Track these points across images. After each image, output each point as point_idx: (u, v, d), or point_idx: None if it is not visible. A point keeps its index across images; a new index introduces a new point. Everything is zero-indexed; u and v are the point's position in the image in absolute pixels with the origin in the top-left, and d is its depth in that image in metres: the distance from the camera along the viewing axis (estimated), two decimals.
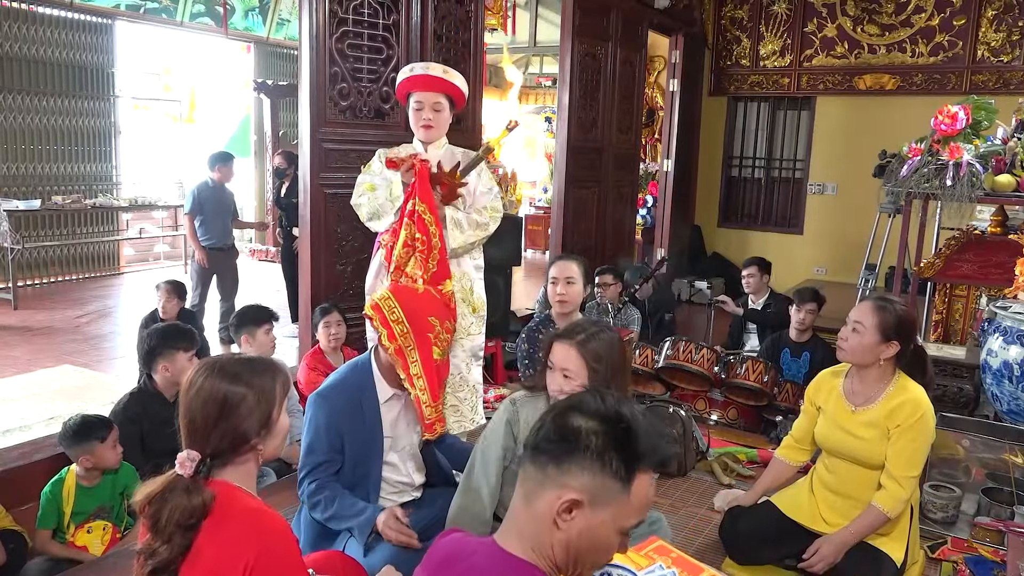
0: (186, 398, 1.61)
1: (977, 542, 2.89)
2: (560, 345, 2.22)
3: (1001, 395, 3.43)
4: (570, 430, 1.25)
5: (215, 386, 1.59)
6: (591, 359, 2.17)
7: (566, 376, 2.18)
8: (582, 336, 2.21)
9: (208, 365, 1.65)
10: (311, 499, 2.28)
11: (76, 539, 2.78)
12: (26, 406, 4.30)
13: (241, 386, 1.60)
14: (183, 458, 1.54)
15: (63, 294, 7.58)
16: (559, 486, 1.23)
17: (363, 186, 3.18)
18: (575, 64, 6.03)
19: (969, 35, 7.43)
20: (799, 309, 4.42)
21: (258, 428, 1.61)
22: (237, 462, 1.61)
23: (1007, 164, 3.61)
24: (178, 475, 1.54)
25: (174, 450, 3.33)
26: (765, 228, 8.77)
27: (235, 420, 1.58)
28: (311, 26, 3.79)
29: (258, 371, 1.65)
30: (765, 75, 8.48)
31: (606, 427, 1.24)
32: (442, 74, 3.09)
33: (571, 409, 1.28)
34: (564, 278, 3.26)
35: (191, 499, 1.50)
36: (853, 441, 2.49)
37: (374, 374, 2.41)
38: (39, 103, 7.83)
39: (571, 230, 6.22)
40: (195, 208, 5.81)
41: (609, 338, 2.24)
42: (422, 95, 3.10)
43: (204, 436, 1.57)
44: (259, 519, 1.55)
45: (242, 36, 9.78)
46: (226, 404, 1.58)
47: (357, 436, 2.35)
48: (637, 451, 1.24)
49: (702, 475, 3.52)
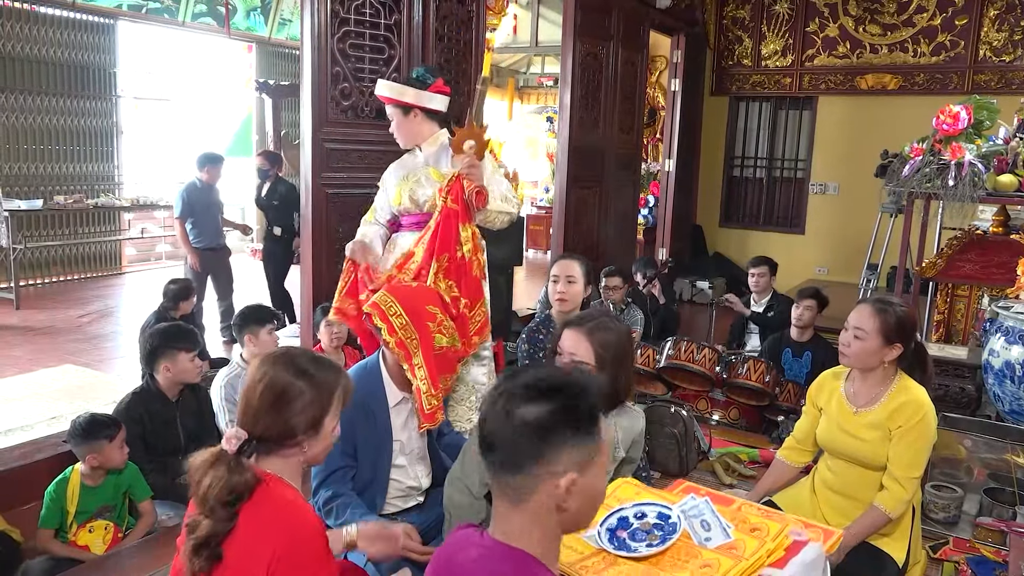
0: (251, 379, 1.64)
1: (979, 542, 2.89)
2: (570, 332, 2.28)
3: (1003, 395, 3.43)
4: (530, 426, 1.25)
5: (279, 374, 1.62)
6: (599, 346, 2.23)
7: (575, 362, 2.22)
8: (591, 324, 2.27)
9: (283, 353, 1.69)
10: (325, 507, 2.28)
11: (78, 538, 2.78)
12: (28, 406, 4.30)
13: (303, 382, 1.63)
14: (231, 434, 1.57)
15: (65, 294, 7.59)
16: (551, 475, 1.24)
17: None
18: (577, 64, 6.03)
19: (971, 35, 7.43)
20: (797, 305, 4.43)
21: (306, 427, 1.62)
22: (284, 454, 1.63)
23: (1009, 164, 3.61)
24: (223, 450, 1.56)
25: (176, 449, 3.33)
26: (767, 228, 8.77)
27: (287, 413, 1.60)
28: (313, 26, 3.79)
29: (323, 374, 1.68)
30: (767, 75, 8.48)
31: (555, 402, 1.25)
32: (377, 89, 3.22)
33: (514, 408, 1.26)
34: (565, 276, 3.25)
35: (232, 476, 1.51)
36: (855, 442, 2.48)
37: (383, 377, 2.40)
38: (41, 103, 7.84)
39: (572, 230, 6.22)
40: (185, 211, 5.73)
41: (617, 329, 2.31)
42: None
43: (255, 419, 1.59)
44: (293, 511, 1.57)
45: (244, 36, 9.78)
46: (283, 395, 1.60)
47: (368, 441, 2.35)
48: (590, 404, 1.28)
49: (704, 475, 3.52)
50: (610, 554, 1.66)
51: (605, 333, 2.25)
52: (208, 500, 1.50)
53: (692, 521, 1.76)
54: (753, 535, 1.72)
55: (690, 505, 1.82)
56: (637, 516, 1.77)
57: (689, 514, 1.78)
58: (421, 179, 3.16)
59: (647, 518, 1.76)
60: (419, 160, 3.22)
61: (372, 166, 3.89)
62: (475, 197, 2.95)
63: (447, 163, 3.15)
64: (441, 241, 2.93)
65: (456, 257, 2.95)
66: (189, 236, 5.75)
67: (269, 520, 1.53)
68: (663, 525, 1.73)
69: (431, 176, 3.15)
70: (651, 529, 1.73)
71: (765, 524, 1.77)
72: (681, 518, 1.74)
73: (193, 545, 1.50)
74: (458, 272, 2.97)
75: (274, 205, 6.24)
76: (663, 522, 1.74)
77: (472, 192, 2.94)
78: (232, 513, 1.50)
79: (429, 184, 3.13)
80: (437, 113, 3.20)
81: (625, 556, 1.65)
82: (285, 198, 6.17)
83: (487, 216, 3.10)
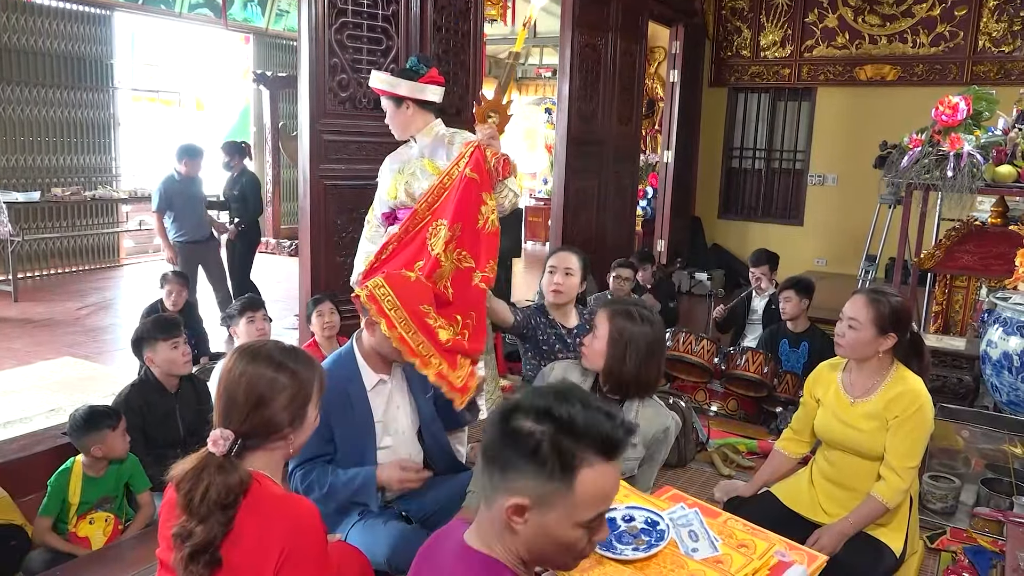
0: (227, 378, 1.62)
1: (976, 532, 2.90)
2: (599, 314, 2.42)
3: (1001, 386, 3.43)
4: (508, 433, 1.24)
5: (259, 371, 1.61)
6: (616, 331, 2.34)
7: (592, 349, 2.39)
8: (617, 307, 2.40)
9: (256, 349, 1.67)
10: (303, 483, 2.28)
11: (79, 530, 2.78)
12: (27, 398, 4.30)
13: (283, 375, 1.62)
14: (216, 436, 1.55)
15: (63, 286, 7.58)
16: (506, 491, 1.23)
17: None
18: (575, 55, 6.01)
19: (970, 25, 7.41)
20: (779, 297, 4.50)
21: (291, 419, 1.63)
22: (268, 449, 1.62)
23: (1008, 155, 3.60)
24: (210, 453, 1.54)
25: (176, 441, 3.33)
26: (765, 219, 8.76)
27: (273, 408, 1.60)
28: (310, 17, 3.77)
29: (300, 364, 1.67)
30: (766, 66, 8.46)
31: (541, 427, 1.21)
32: (371, 81, 3.19)
33: (512, 411, 1.26)
34: (563, 268, 3.23)
35: (227, 477, 1.50)
36: (852, 433, 2.49)
37: (358, 362, 2.40)
38: (38, 95, 7.80)
39: (571, 221, 6.21)
40: (163, 205, 5.58)
41: (649, 320, 2.40)
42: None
43: (240, 418, 1.58)
44: (291, 504, 1.57)
45: (241, 27, 9.74)
46: (267, 391, 1.60)
47: (348, 426, 2.35)
48: (573, 448, 1.21)
49: (702, 466, 3.53)
50: (596, 554, 1.66)
51: (626, 320, 2.34)
52: (205, 506, 1.48)
53: (680, 530, 1.78)
54: (740, 551, 1.74)
55: (679, 514, 1.84)
56: (625, 519, 1.78)
57: (678, 523, 1.80)
58: (416, 172, 3.13)
59: (635, 522, 1.77)
60: (413, 152, 3.19)
61: (370, 157, 3.88)
62: (502, 166, 2.90)
63: (445, 156, 3.11)
64: (457, 210, 2.78)
65: (476, 228, 2.83)
66: (170, 230, 5.62)
67: (271, 517, 1.52)
68: (651, 531, 1.74)
69: (426, 169, 3.12)
70: (638, 533, 1.74)
71: (752, 541, 1.78)
72: (670, 526, 1.75)
73: (189, 553, 1.47)
74: (473, 241, 2.84)
75: (235, 197, 6.10)
76: (651, 528, 1.75)
77: (500, 161, 2.89)
78: (230, 516, 1.49)
79: (425, 177, 3.09)
80: (431, 104, 3.15)
81: (611, 558, 1.66)
82: (246, 190, 6.06)
83: (500, 191, 3.03)
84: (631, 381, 2.36)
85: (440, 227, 2.77)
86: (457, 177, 2.83)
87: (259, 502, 1.53)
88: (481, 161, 2.83)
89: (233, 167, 6.21)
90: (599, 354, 2.37)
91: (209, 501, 1.48)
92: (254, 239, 6.22)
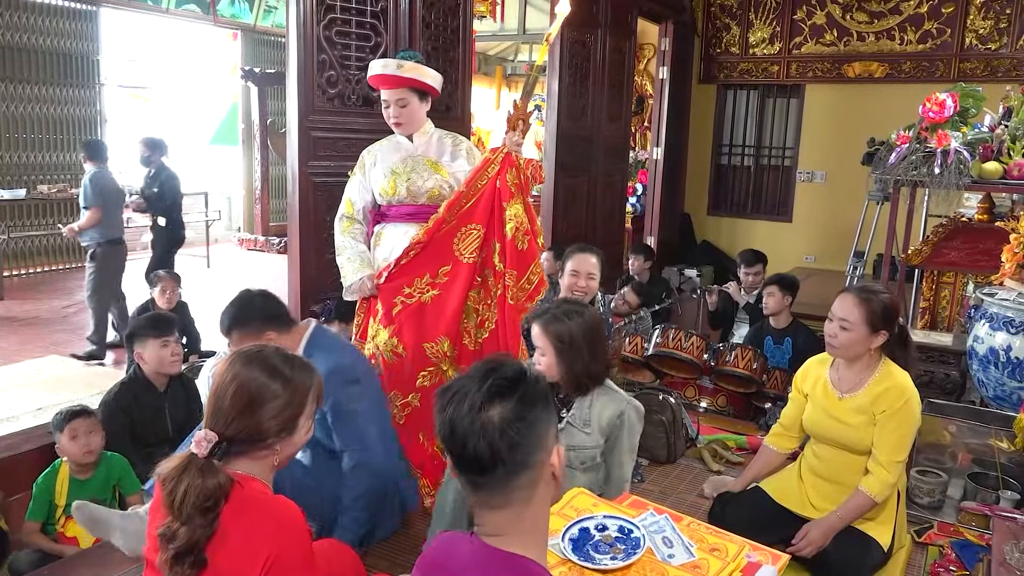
0: (219, 379, 1.57)
1: (963, 526, 2.92)
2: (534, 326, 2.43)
3: (987, 381, 3.46)
4: (516, 423, 1.22)
5: (252, 375, 1.56)
6: (555, 338, 2.35)
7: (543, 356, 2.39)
8: (547, 317, 2.40)
9: (255, 352, 1.62)
10: None
11: (67, 530, 2.77)
12: (13, 397, 4.27)
13: (277, 383, 1.57)
14: (200, 437, 1.51)
15: (49, 284, 7.54)
16: (546, 456, 1.26)
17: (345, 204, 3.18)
18: (565, 52, 6.01)
19: (957, 23, 7.44)
20: (762, 292, 4.53)
21: (279, 430, 1.57)
22: (255, 456, 1.58)
23: (994, 151, 3.62)
24: (193, 454, 1.50)
25: (164, 440, 3.31)
26: (755, 216, 8.79)
27: (260, 416, 1.55)
28: (298, 13, 3.75)
29: (298, 373, 1.61)
30: (754, 63, 8.47)
31: (518, 391, 1.24)
32: (396, 71, 2.94)
33: (481, 421, 1.21)
34: (586, 273, 3.35)
35: (206, 480, 1.47)
36: (840, 427, 2.50)
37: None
38: (23, 91, 7.73)
39: (561, 218, 6.21)
40: (98, 200, 5.35)
41: (581, 315, 2.42)
42: (386, 93, 3.00)
43: (226, 421, 1.53)
44: (278, 510, 1.54)
45: (229, 23, 9.68)
46: (257, 397, 1.55)
47: (375, 400, 2.66)
48: (536, 375, 1.30)
49: (692, 462, 3.53)
50: (576, 565, 1.66)
51: (559, 324, 2.35)
52: (185, 508, 1.45)
53: (654, 537, 1.79)
54: (714, 555, 1.76)
55: (651, 521, 1.85)
56: (598, 528, 1.78)
57: (650, 530, 1.81)
58: (418, 169, 3.05)
59: (608, 531, 1.77)
60: (411, 148, 3.10)
61: (358, 154, 3.85)
62: (537, 172, 2.96)
63: (449, 156, 3.08)
64: (493, 216, 2.91)
65: (504, 239, 2.90)
66: (98, 229, 5.36)
67: (258, 520, 1.51)
68: (625, 539, 1.74)
69: (427, 166, 3.06)
70: (613, 542, 1.74)
71: (723, 545, 1.81)
72: (645, 534, 1.76)
73: (174, 554, 1.45)
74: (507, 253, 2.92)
75: (155, 193, 5.88)
76: (625, 536, 1.75)
77: (536, 168, 2.95)
78: (212, 519, 1.46)
79: (429, 176, 3.04)
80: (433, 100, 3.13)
81: (591, 568, 1.66)
82: (165, 186, 5.85)
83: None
84: (587, 375, 2.39)
85: (472, 231, 2.91)
86: (488, 183, 2.90)
87: (245, 504, 1.51)
88: (516, 169, 2.89)
89: (152, 162, 5.95)
90: (552, 367, 2.37)
91: (188, 504, 1.45)
92: (175, 239, 5.97)
